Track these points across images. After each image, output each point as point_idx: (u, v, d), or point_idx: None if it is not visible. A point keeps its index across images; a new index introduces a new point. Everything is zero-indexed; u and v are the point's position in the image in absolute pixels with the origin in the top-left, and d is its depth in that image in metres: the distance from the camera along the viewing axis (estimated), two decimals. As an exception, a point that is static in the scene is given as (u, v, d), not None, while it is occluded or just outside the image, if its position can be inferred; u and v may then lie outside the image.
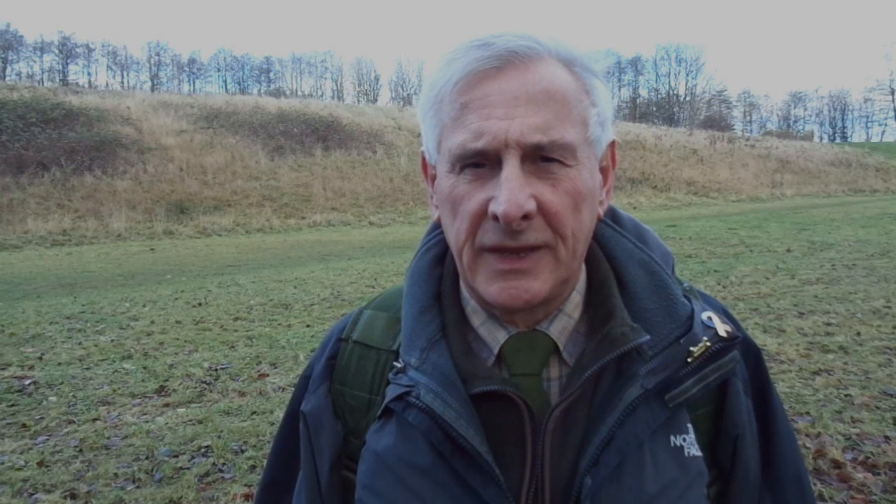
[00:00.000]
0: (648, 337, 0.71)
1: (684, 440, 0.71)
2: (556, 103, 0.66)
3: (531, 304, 0.68)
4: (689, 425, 0.72)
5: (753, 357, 0.81)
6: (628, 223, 0.82)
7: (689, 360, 0.70)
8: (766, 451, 0.79)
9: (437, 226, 0.80)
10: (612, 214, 0.81)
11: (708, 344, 0.71)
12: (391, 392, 0.73)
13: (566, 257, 0.68)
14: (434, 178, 0.75)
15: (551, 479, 0.69)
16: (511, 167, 0.64)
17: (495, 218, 0.64)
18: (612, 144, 0.76)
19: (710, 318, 0.74)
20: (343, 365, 0.81)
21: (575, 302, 0.75)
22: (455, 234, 0.70)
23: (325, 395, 0.80)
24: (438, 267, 0.80)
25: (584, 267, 0.77)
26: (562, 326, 0.74)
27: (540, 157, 0.65)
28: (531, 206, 0.64)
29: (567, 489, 0.68)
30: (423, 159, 0.77)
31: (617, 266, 0.77)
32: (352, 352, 0.81)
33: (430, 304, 0.77)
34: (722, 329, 0.73)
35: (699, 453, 0.71)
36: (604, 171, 0.75)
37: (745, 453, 0.76)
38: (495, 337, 0.74)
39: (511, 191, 0.63)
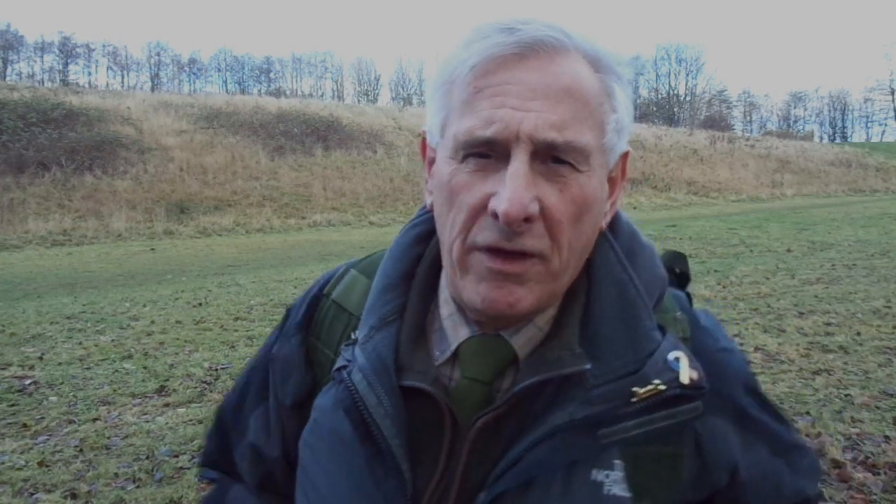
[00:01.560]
0: (588, 366, 0.65)
1: (607, 476, 0.64)
2: (575, 102, 0.62)
3: (513, 311, 0.64)
4: (618, 461, 0.65)
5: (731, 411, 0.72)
6: (624, 234, 0.74)
7: (632, 399, 0.64)
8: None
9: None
10: (612, 221, 0.74)
11: (661, 388, 0.64)
12: (338, 361, 0.73)
13: (558, 269, 0.64)
14: (433, 161, 0.71)
15: (460, 487, 0.67)
16: (519, 162, 0.60)
17: (494, 216, 0.61)
18: (626, 155, 0.71)
19: (676, 359, 0.66)
20: (320, 319, 0.81)
21: (548, 315, 0.69)
22: (449, 225, 0.65)
23: (300, 345, 0.80)
24: (419, 245, 0.77)
25: None
26: (528, 337, 0.69)
27: (551, 158, 0.61)
28: (534, 208, 0.60)
29: (470, 501, 0.66)
30: (424, 140, 0.73)
31: (590, 280, 0.70)
32: (329, 308, 0.81)
33: (395, 283, 0.74)
34: (686, 375, 0.65)
35: (625, 494, 0.64)
36: (612, 181, 0.70)
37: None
38: (456, 333, 0.71)
39: (516, 189, 0.59)
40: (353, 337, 0.73)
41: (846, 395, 3.80)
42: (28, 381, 4.68)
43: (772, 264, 8.90)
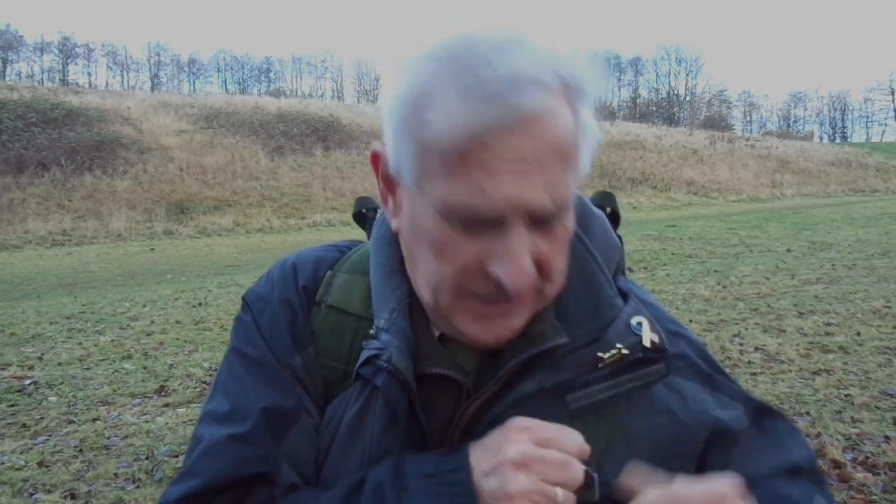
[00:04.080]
0: (566, 339, 0.68)
1: None
2: (562, 158, 0.61)
3: (501, 343, 0.67)
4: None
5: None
6: (575, 207, 0.73)
7: (599, 365, 0.67)
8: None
9: None
10: None
11: (624, 352, 0.67)
12: (363, 356, 0.69)
13: (550, 293, 0.67)
14: (390, 183, 0.68)
15: None
16: (519, 235, 0.60)
17: (496, 281, 0.61)
18: None
19: (639, 323, 0.69)
20: (317, 331, 0.74)
21: None
22: (432, 274, 0.65)
23: (314, 357, 0.73)
24: None
25: None
26: None
27: (542, 218, 0.62)
28: (535, 274, 0.62)
29: None
30: (376, 156, 0.69)
31: None
32: (326, 317, 0.75)
33: (397, 268, 0.73)
34: (647, 338, 0.68)
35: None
36: None
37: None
38: (436, 323, 0.72)
39: (521, 265, 0.60)
40: (371, 331, 0.71)
41: (846, 395, 3.80)
42: (28, 382, 4.68)
43: (772, 264, 8.89)
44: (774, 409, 0.78)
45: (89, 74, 67.08)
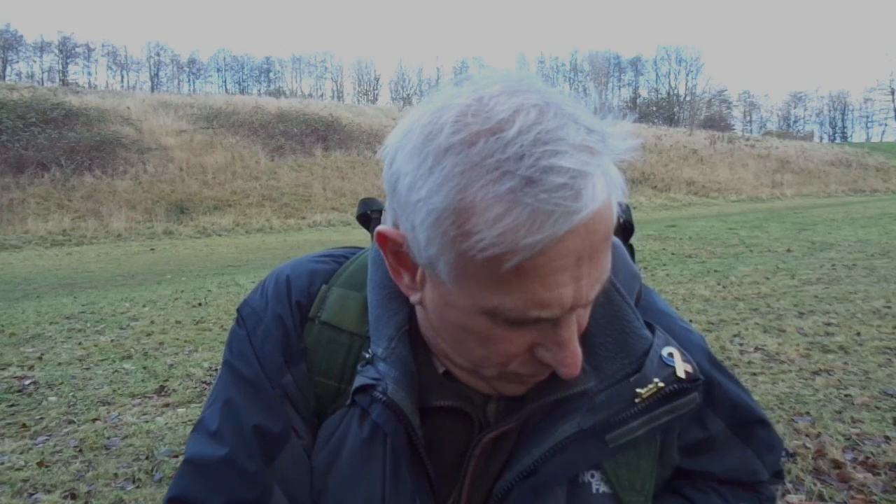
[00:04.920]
0: (593, 384, 0.67)
1: (592, 476, 0.68)
2: (608, 244, 0.57)
3: (524, 392, 0.68)
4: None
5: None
6: None
7: (636, 400, 0.66)
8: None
9: None
10: None
11: (661, 385, 0.66)
12: (357, 382, 0.67)
13: None
14: (410, 263, 0.61)
15: (469, 499, 0.69)
16: (571, 327, 0.59)
17: (544, 363, 0.62)
18: None
19: (670, 354, 0.68)
20: (310, 347, 0.73)
21: None
22: (474, 353, 0.63)
23: (305, 374, 0.72)
24: None
25: None
26: None
27: None
28: (581, 352, 0.62)
29: None
30: (384, 238, 0.61)
31: None
32: (319, 334, 0.73)
33: (395, 291, 0.69)
34: (681, 369, 0.67)
35: (609, 490, 0.68)
36: None
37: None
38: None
39: (574, 354, 0.60)
40: (367, 356, 0.68)
41: (846, 395, 3.80)
42: (27, 382, 4.68)
43: (772, 264, 8.89)
44: (766, 420, 0.81)
45: (89, 74, 67.15)
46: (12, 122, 20.77)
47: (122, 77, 69.10)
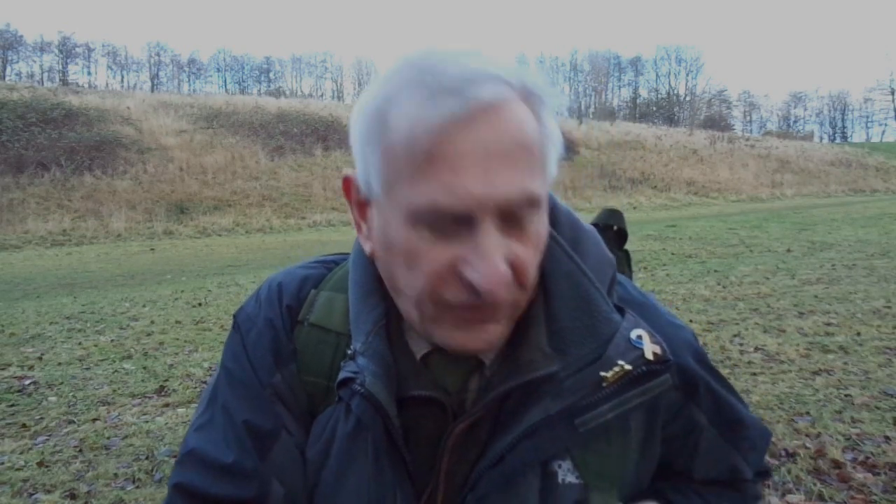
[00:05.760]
0: (556, 368, 0.67)
1: (559, 466, 0.68)
2: (527, 153, 0.60)
3: (490, 349, 0.67)
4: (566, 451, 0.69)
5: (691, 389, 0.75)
6: (566, 225, 0.74)
7: (603, 384, 0.66)
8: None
9: None
10: (553, 214, 0.73)
11: (627, 368, 0.66)
12: (340, 377, 0.70)
13: (524, 300, 0.67)
14: (362, 205, 0.68)
15: (444, 493, 0.69)
16: (490, 233, 0.59)
17: (469, 284, 0.60)
18: None
19: (639, 337, 0.68)
20: (299, 348, 0.76)
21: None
22: (409, 287, 0.64)
23: (295, 374, 0.75)
24: None
25: None
26: None
27: (512, 215, 0.61)
28: (509, 275, 0.61)
29: (457, 501, 0.69)
30: (348, 181, 0.69)
31: (544, 278, 0.70)
32: (308, 334, 0.76)
33: (373, 288, 0.72)
34: (649, 351, 0.67)
35: (577, 481, 0.68)
36: None
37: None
38: (418, 344, 0.71)
39: (494, 265, 0.59)
40: (349, 352, 0.71)
41: (846, 395, 3.80)
42: (27, 382, 4.68)
43: (772, 264, 8.90)
44: (751, 423, 0.81)
45: (89, 74, 67.14)
46: (12, 122, 20.78)
47: (122, 77, 69.17)
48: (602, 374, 0.66)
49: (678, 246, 11.41)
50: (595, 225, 0.71)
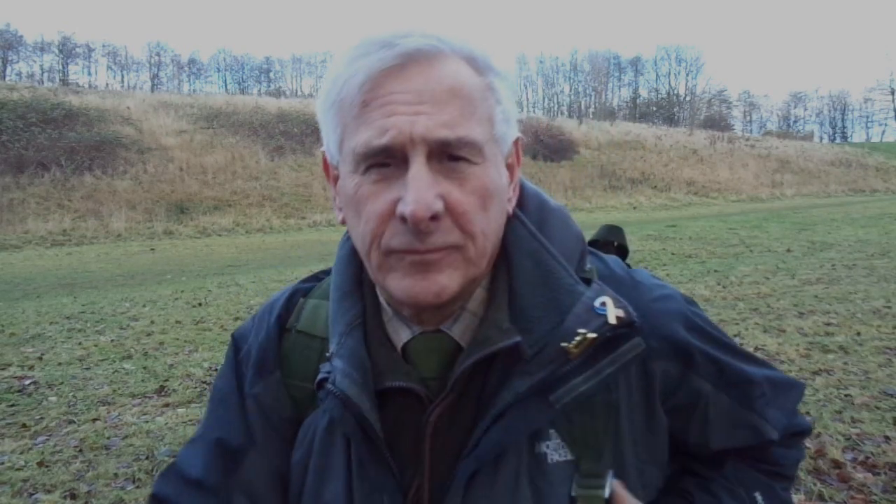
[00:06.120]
0: (515, 340, 0.67)
1: (547, 446, 0.68)
2: (460, 101, 0.64)
3: (440, 299, 0.65)
4: (552, 430, 0.69)
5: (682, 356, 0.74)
6: (532, 206, 0.76)
7: (569, 356, 0.66)
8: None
9: None
10: (520, 196, 0.76)
11: (591, 336, 0.65)
12: (317, 379, 0.72)
13: (475, 256, 0.66)
14: (336, 178, 0.72)
15: (430, 481, 0.70)
16: (418, 165, 0.62)
17: (403, 219, 0.62)
18: (517, 142, 0.74)
19: (603, 304, 0.67)
20: (285, 354, 0.79)
21: (479, 298, 0.71)
22: (361, 236, 0.67)
23: (279, 381, 0.78)
24: (359, 255, 0.77)
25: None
26: (464, 326, 0.71)
27: (447, 156, 0.63)
28: (439, 206, 0.62)
29: (443, 490, 0.69)
30: (325, 160, 0.75)
31: (508, 257, 0.72)
32: (295, 341, 0.79)
33: (350, 290, 0.75)
34: (612, 315, 0.66)
35: (569, 457, 0.69)
36: (510, 167, 0.73)
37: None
38: (398, 334, 0.73)
39: (419, 190, 0.61)
40: (327, 355, 0.73)
41: (846, 395, 3.80)
42: (28, 382, 4.68)
43: (772, 264, 8.89)
44: (759, 380, 0.79)
45: (89, 74, 67.10)
46: (12, 122, 20.77)
47: (122, 77, 69.15)
48: (563, 344, 0.66)
49: (678, 246, 11.41)
50: (594, 241, 0.73)
